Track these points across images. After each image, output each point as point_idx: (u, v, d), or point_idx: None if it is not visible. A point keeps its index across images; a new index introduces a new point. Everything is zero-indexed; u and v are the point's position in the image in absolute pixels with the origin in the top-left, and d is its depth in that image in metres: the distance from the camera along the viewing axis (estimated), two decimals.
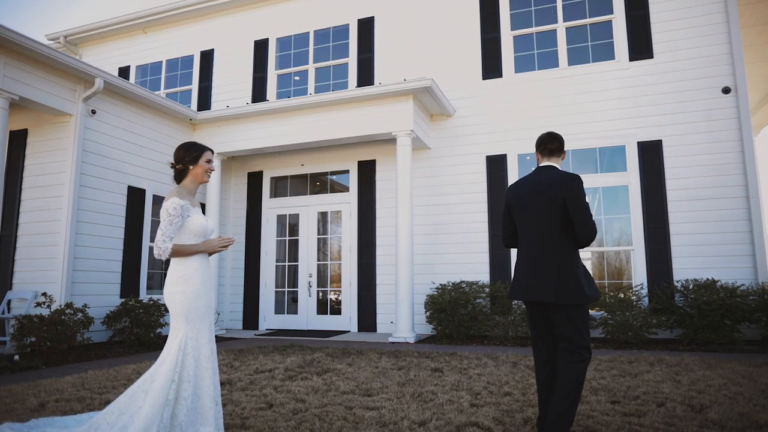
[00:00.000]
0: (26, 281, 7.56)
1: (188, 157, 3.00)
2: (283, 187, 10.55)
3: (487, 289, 8.21)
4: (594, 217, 8.33)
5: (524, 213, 3.09)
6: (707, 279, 7.29)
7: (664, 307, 7.33)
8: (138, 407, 2.66)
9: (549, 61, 9.01)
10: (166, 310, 8.03)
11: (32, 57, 6.99)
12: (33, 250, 7.59)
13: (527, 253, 3.05)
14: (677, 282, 7.59)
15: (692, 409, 3.59)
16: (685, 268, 7.68)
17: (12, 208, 7.72)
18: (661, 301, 7.40)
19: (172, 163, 3.04)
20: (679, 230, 7.82)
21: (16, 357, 5.69)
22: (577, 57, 8.85)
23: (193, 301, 2.83)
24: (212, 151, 3.11)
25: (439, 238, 9.08)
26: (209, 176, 3.08)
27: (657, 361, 5.57)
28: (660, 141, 8.09)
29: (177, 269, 2.88)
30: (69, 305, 6.71)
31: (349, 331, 9.32)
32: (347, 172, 9.94)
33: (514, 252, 8.60)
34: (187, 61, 11.69)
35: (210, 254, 3.01)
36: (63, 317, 6.49)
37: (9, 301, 7.49)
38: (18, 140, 7.92)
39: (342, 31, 10.48)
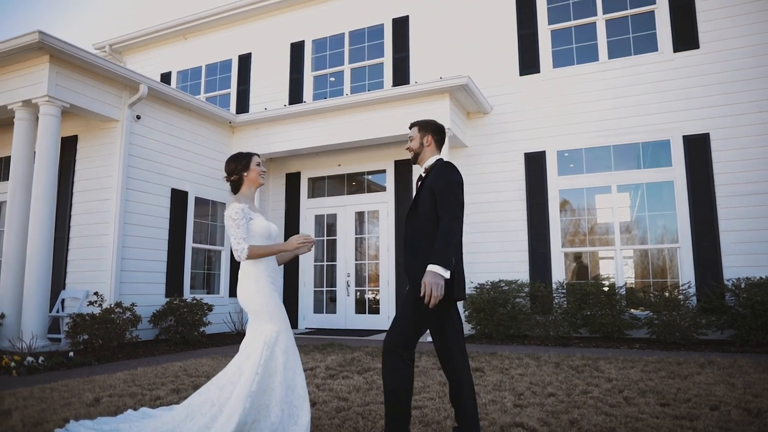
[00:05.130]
0: (78, 281, 7.88)
1: (240, 165, 3.15)
2: (320, 187, 10.66)
3: (526, 289, 8.10)
4: (637, 214, 8.23)
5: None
6: (761, 277, 6.97)
7: (713, 307, 7.06)
8: (226, 397, 2.84)
9: (588, 54, 8.81)
10: (209, 309, 8.24)
11: (82, 66, 7.29)
12: (84, 251, 7.92)
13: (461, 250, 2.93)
14: (727, 281, 7.30)
15: (749, 414, 3.45)
16: (736, 266, 7.37)
17: (64, 211, 8.07)
18: (711, 301, 7.13)
19: (226, 177, 3.19)
20: (728, 227, 7.52)
21: (71, 353, 5.94)
22: (617, 50, 8.62)
23: (270, 298, 2.99)
24: (258, 155, 3.27)
25: (476, 236, 8.99)
26: (263, 178, 3.23)
27: (708, 362, 5.37)
28: (707, 134, 7.80)
29: (249, 271, 3.03)
30: (118, 304, 6.97)
31: (387, 330, 9.33)
32: (384, 171, 9.96)
33: (555, 251, 8.45)
34: (226, 65, 11.95)
35: (285, 257, 3.20)
36: (112, 316, 6.75)
37: (63, 300, 7.83)
38: (69, 146, 8.26)
39: (377, 31, 10.51)
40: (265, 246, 3.01)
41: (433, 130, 3.07)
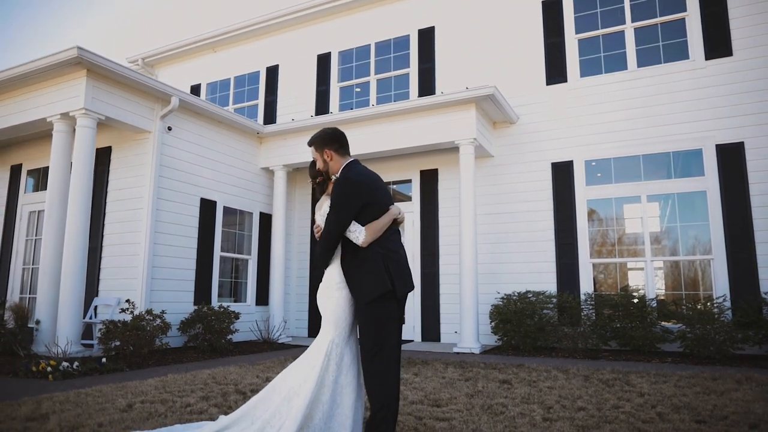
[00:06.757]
0: (110, 288, 8.08)
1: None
2: None
3: (554, 300, 7.99)
4: (667, 224, 8.05)
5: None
6: None
7: (750, 321, 6.84)
8: (291, 406, 2.84)
9: (617, 63, 8.70)
10: (236, 317, 8.34)
11: (117, 80, 7.52)
12: (116, 259, 8.12)
13: (399, 246, 3.02)
14: (765, 294, 7.08)
15: None
16: None
17: (98, 221, 8.29)
18: (747, 315, 6.91)
19: (312, 181, 3.31)
20: (765, 238, 7.30)
21: (104, 359, 6.08)
22: (647, 58, 8.49)
23: (344, 307, 2.96)
24: None
25: (503, 247, 8.92)
26: None
27: (745, 378, 5.20)
28: (741, 143, 7.61)
29: (335, 273, 3.01)
30: (149, 311, 7.11)
31: (412, 341, 9.31)
32: (409, 181, 9.98)
33: (582, 261, 8.32)
34: (254, 77, 12.17)
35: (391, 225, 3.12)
36: (143, 323, 6.88)
37: (96, 307, 8.03)
38: (103, 157, 8.50)
39: (402, 42, 10.58)
40: (374, 222, 2.93)
41: (327, 142, 3.13)
